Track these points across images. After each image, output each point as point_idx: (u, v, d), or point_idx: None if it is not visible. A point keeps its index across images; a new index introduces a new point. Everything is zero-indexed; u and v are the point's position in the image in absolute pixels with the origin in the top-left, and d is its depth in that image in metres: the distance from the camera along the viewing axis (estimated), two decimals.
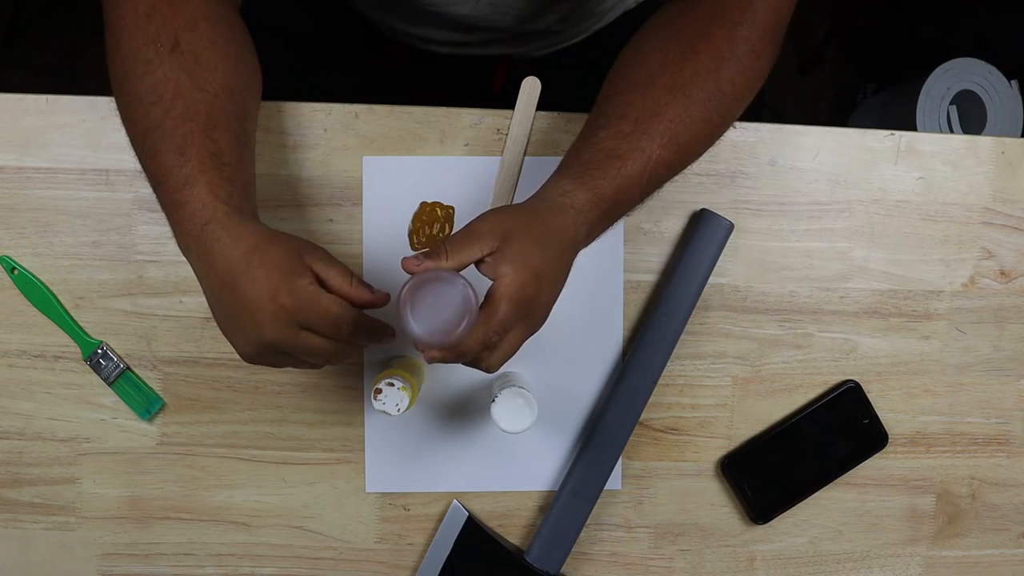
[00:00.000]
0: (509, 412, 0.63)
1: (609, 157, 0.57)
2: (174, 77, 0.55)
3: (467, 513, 0.72)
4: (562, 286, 0.56)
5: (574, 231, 0.55)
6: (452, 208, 0.71)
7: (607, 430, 0.71)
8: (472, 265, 0.53)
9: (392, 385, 0.61)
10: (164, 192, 0.54)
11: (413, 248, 0.70)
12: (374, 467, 0.72)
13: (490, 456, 0.73)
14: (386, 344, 0.57)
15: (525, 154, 0.70)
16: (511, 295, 0.51)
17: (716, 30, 0.59)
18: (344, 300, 0.52)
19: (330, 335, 0.53)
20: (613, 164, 0.56)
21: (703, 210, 0.72)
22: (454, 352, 0.52)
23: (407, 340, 0.54)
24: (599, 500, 0.73)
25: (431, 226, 0.70)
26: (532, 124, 0.69)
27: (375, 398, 0.61)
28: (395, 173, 0.70)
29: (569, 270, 0.57)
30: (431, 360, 0.52)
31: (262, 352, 0.54)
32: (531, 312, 0.54)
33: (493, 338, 0.52)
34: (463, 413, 0.72)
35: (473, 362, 0.54)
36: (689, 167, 0.61)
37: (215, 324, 0.70)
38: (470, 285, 0.49)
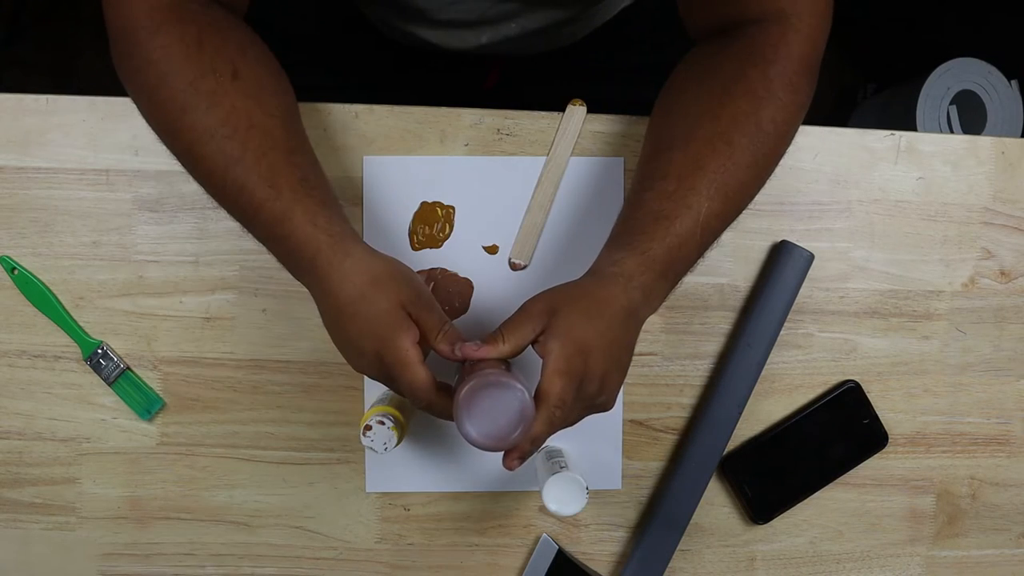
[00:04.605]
0: (562, 495, 0.64)
1: (656, 219, 0.56)
2: (243, 106, 0.53)
3: (557, 547, 0.73)
4: (620, 356, 0.55)
5: (626, 299, 0.54)
6: (452, 208, 0.71)
7: (693, 460, 0.72)
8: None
9: (383, 424, 0.61)
10: (259, 227, 0.54)
11: (413, 248, 0.70)
12: (374, 467, 0.72)
13: (490, 456, 0.73)
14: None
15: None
16: (559, 368, 0.52)
17: (750, 71, 0.58)
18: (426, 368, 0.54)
19: (409, 398, 0.55)
20: (661, 225, 0.55)
21: (784, 241, 0.72)
22: (516, 452, 0.53)
23: None
24: (599, 500, 0.73)
25: (431, 225, 0.70)
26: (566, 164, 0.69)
27: (364, 434, 0.61)
28: (395, 173, 0.70)
29: (630, 339, 0.56)
30: (508, 468, 0.53)
31: (364, 372, 0.57)
32: (583, 384, 0.53)
33: (556, 415, 0.52)
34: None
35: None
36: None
37: (215, 324, 0.71)
38: (527, 391, 0.51)
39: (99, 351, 0.70)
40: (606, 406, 0.56)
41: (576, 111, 0.70)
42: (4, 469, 0.71)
